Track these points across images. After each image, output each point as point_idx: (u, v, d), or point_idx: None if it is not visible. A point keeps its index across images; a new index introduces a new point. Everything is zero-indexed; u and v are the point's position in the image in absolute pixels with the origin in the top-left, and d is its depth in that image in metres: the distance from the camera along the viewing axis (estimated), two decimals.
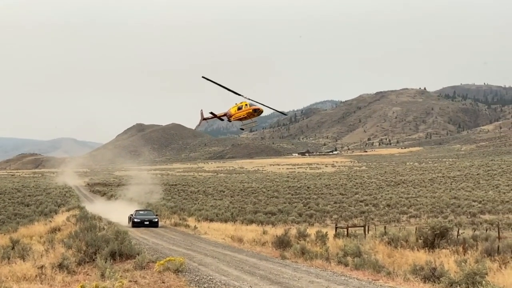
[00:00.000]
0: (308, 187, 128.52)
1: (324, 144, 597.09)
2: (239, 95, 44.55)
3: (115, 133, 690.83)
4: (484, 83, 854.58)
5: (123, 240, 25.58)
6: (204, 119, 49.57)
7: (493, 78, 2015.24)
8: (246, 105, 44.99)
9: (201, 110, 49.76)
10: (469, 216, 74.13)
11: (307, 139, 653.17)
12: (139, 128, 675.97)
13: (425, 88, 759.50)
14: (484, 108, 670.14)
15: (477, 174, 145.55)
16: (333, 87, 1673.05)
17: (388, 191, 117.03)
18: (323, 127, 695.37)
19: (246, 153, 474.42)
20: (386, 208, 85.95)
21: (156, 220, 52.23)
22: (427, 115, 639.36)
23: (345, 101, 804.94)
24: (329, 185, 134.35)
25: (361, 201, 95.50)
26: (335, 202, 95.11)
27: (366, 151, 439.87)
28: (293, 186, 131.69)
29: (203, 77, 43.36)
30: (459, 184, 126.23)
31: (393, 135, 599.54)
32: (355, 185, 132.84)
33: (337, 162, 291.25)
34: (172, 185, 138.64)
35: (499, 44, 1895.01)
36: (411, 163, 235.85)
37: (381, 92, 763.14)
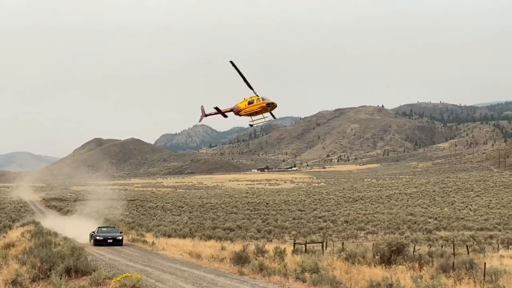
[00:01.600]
0: (267, 203, 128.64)
1: (283, 160, 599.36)
2: (252, 89, 43.79)
3: (72, 147, 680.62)
4: (440, 102, 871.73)
5: (79, 256, 25.16)
6: (206, 115, 47.85)
7: (449, 97, 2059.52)
8: (258, 99, 43.99)
9: (202, 106, 48.36)
10: (425, 233, 75.19)
11: (266, 155, 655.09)
12: (98, 142, 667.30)
13: (383, 106, 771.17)
14: (440, 126, 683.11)
15: (433, 191, 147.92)
16: (292, 104, 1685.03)
17: (346, 207, 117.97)
18: (283, 143, 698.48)
19: (206, 169, 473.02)
20: (344, 224, 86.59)
21: (121, 238, 49.67)
22: (385, 132, 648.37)
23: (305, 117, 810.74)
24: (288, 201, 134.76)
25: (319, 217, 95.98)
26: (294, 218, 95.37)
27: (325, 168, 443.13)
28: (252, 202, 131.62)
29: (231, 61, 41.95)
30: (415, 201, 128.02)
31: (352, 152, 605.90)
32: (313, 201, 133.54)
33: (296, 178, 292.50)
34: (130, 200, 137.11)
35: (455, 64, 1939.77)
36: (369, 180, 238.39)
37: (340, 109, 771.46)
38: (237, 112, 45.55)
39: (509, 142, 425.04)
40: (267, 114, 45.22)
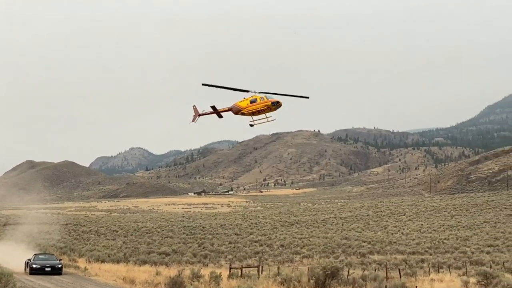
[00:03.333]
0: (203, 227, 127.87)
1: (220, 184, 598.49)
2: (247, 91, 42.45)
3: (2, 170, 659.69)
4: (374, 127, 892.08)
5: (7, 283, 24.39)
6: (200, 115, 46.07)
7: (383, 123, 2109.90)
8: (261, 97, 42.65)
9: (194, 105, 46.77)
10: (359, 256, 76.24)
11: (203, 178, 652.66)
12: (30, 165, 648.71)
13: (319, 131, 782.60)
14: (374, 151, 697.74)
15: (367, 215, 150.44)
16: (230, 127, 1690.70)
17: (282, 231, 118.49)
18: (220, 167, 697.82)
19: (142, 192, 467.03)
20: (280, 248, 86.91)
21: (60, 266, 45.68)
22: (321, 157, 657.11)
23: (242, 141, 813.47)
24: (225, 225, 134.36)
25: (255, 241, 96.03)
26: (230, 242, 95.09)
27: (261, 192, 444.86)
28: (188, 226, 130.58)
29: (203, 84, 40.96)
30: (350, 225, 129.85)
31: (288, 176, 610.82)
32: (250, 225, 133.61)
33: (233, 202, 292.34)
34: (63, 224, 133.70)
35: (388, 91, 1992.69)
36: (305, 204, 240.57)
37: (277, 133, 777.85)
38: (237, 111, 44.17)
39: (440, 168, 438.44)
40: (270, 114, 43.91)
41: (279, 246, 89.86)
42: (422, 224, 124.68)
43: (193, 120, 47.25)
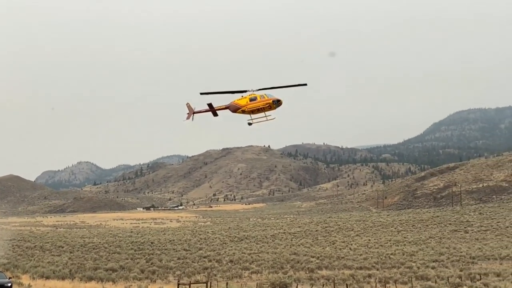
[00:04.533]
0: (151, 243, 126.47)
1: (170, 199, 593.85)
2: (245, 91, 41.87)
3: None
4: (324, 143, 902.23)
5: None
6: (195, 112, 44.90)
7: (332, 139, 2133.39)
8: (261, 96, 41.91)
9: (188, 103, 45.68)
10: (307, 272, 76.55)
11: (152, 193, 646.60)
12: None
13: (269, 146, 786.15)
14: (323, 167, 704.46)
15: (316, 231, 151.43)
16: (180, 142, 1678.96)
17: (231, 246, 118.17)
18: (169, 182, 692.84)
19: (89, 207, 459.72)
20: (229, 264, 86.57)
21: (10, 284, 43.82)
22: (271, 172, 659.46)
23: (192, 156, 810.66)
24: (173, 240, 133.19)
25: (204, 257, 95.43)
26: (179, 258, 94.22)
27: (211, 207, 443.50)
28: (136, 242, 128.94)
29: (201, 93, 40.42)
30: (299, 240, 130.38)
31: (238, 191, 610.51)
32: (199, 241, 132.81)
33: (182, 217, 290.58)
34: (6, 240, 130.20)
35: (336, 108, 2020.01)
36: (255, 219, 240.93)
37: (227, 148, 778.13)
38: (235, 109, 43.35)
39: (387, 184, 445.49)
40: (270, 113, 43.29)
41: (228, 261, 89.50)
42: (369, 239, 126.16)
43: (187, 118, 46.30)
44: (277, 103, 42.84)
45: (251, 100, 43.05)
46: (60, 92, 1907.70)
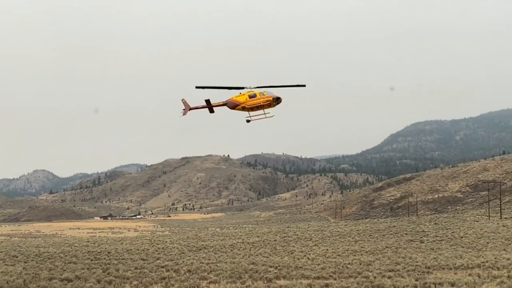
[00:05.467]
0: (108, 252, 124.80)
1: (128, 208, 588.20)
2: (242, 88, 41.39)
3: None
4: (283, 153, 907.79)
5: None
6: (191, 108, 44.43)
7: (291, 149, 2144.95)
8: (261, 93, 41.66)
9: (183, 99, 45.02)
10: (265, 282, 76.56)
11: (110, 202, 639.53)
12: None
13: (229, 156, 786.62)
14: (283, 177, 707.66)
15: (274, 240, 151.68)
16: (139, 151, 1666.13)
17: (189, 256, 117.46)
18: (128, 191, 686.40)
19: (45, 216, 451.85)
20: (187, 273, 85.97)
21: None
22: (230, 182, 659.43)
23: (151, 165, 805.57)
24: (131, 250, 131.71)
25: (162, 267, 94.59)
26: (136, 268, 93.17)
27: (169, 216, 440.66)
28: (93, 251, 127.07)
29: (196, 87, 39.53)
30: (257, 250, 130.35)
31: (197, 201, 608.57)
32: (157, 250, 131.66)
33: (140, 226, 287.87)
34: None
35: (296, 119, 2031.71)
36: (213, 229, 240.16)
37: (187, 157, 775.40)
38: (234, 106, 43.06)
39: (345, 194, 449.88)
40: (268, 110, 43.08)
41: (186, 271, 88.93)
42: (327, 249, 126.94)
43: (184, 114, 45.91)
44: (276, 100, 43.07)
45: (250, 97, 43.16)
46: (17, 100, 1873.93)
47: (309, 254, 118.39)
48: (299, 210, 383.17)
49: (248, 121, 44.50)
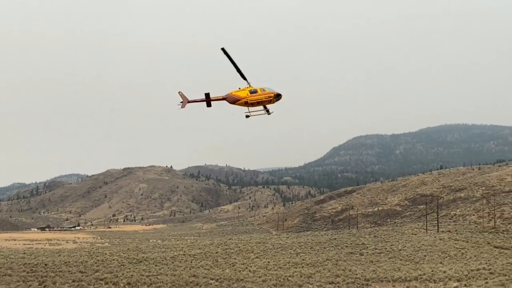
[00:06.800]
0: (45, 264, 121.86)
1: (67, 219, 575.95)
2: (246, 80, 40.70)
3: None
4: (226, 165, 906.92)
5: None
6: (190, 101, 43.24)
7: (234, 161, 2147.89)
8: (262, 89, 40.92)
9: (180, 92, 43.79)
10: None
11: (49, 213, 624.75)
12: None
13: (171, 167, 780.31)
14: (226, 188, 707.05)
15: (216, 253, 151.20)
16: (79, 161, 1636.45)
17: (129, 268, 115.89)
18: (67, 201, 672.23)
19: None
20: (127, 286, 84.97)
21: None
22: (173, 193, 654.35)
23: (92, 175, 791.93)
24: (69, 262, 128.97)
25: (101, 279, 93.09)
26: (74, 281, 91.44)
27: (110, 227, 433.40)
28: (29, 263, 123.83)
29: (222, 48, 38.27)
30: (199, 262, 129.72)
31: (139, 212, 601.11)
32: (96, 263, 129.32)
33: (79, 238, 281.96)
34: None
35: (240, 131, 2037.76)
36: (154, 240, 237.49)
37: (129, 168, 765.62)
38: (234, 101, 42.32)
39: (287, 206, 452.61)
40: (268, 106, 42.63)
41: (126, 284, 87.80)
42: (269, 262, 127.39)
43: (182, 107, 44.82)
44: (277, 97, 42.76)
45: (251, 92, 42.73)
46: None
47: (251, 267, 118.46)
48: (241, 222, 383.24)
49: (247, 116, 44.32)
